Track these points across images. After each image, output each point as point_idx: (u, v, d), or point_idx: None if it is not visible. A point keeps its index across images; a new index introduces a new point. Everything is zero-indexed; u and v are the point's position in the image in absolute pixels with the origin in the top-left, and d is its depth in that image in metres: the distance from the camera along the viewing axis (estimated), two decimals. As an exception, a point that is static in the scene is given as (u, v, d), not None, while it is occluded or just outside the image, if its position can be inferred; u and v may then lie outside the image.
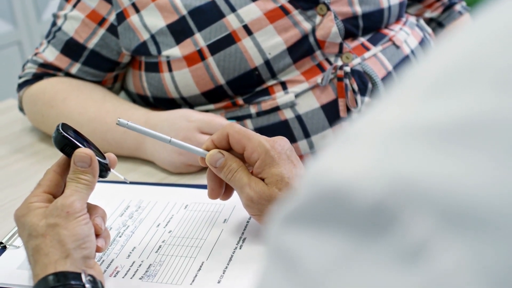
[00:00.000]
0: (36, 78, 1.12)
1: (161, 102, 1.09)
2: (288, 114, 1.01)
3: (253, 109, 1.03)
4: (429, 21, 1.31)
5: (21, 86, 1.14)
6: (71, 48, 1.09)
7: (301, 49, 1.02)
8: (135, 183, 0.95)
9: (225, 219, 0.83)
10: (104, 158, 0.74)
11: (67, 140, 0.70)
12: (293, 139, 1.02)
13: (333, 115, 1.02)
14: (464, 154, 0.24)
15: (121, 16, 1.04)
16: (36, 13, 2.70)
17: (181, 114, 0.99)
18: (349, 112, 1.02)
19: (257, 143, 0.74)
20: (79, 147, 0.70)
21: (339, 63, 1.03)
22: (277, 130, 1.01)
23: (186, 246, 0.78)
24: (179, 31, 1.01)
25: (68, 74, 1.11)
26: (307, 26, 1.02)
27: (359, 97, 1.02)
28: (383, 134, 0.26)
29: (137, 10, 1.03)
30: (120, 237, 0.81)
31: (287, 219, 0.27)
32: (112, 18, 1.05)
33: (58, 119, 0.86)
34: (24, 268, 0.75)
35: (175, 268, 0.74)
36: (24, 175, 1.02)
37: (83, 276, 0.63)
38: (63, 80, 1.10)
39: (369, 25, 1.08)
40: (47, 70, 1.12)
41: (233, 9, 1.00)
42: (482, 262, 0.22)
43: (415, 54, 1.12)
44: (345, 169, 0.25)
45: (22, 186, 0.97)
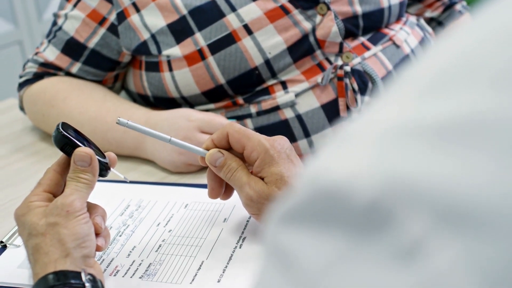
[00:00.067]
0: (37, 78, 1.12)
1: (162, 102, 1.09)
2: (288, 114, 1.01)
3: (253, 109, 1.03)
4: (430, 21, 1.31)
5: (22, 86, 1.14)
6: (72, 48, 1.09)
7: (301, 49, 1.02)
8: (135, 183, 0.95)
9: (225, 218, 0.83)
10: (104, 157, 0.74)
11: (67, 139, 0.70)
12: (293, 139, 1.02)
13: (333, 115, 1.02)
14: (461, 153, 0.24)
15: (122, 16, 1.05)
16: (37, 13, 2.70)
17: (182, 114, 0.99)
18: (349, 112, 1.02)
19: (257, 142, 0.74)
20: (79, 146, 0.70)
21: (339, 63, 1.03)
22: (277, 130, 1.01)
23: (186, 245, 0.78)
24: (180, 31, 1.01)
25: (69, 74, 1.11)
26: (307, 26, 1.02)
27: (359, 97, 1.02)
28: (380, 133, 0.26)
29: (138, 10, 1.03)
30: (120, 236, 0.81)
31: (284, 218, 0.27)
32: (113, 18, 1.05)
33: (59, 119, 0.86)
34: (25, 267, 0.75)
35: (175, 267, 0.74)
36: (25, 175, 1.02)
37: (83, 275, 0.63)
38: (64, 80, 1.11)
39: (369, 25, 1.08)
40: (48, 70, 1.12)
41: (234, 9, 1.00)
42: (478, 261, 0.22)
43: (415, 54, 1.12)
44: (342, 168, 0.25)
45: (23, 186, 0.97)
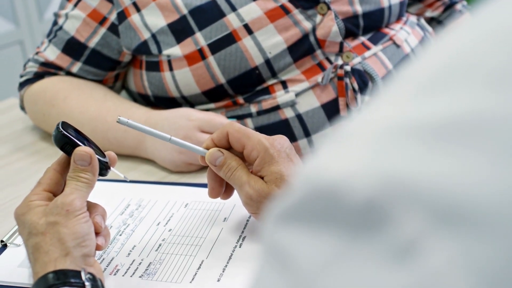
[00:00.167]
0: (37, 77, 1.13)
1: (162, 101, 1.09)
2: (289, 113, 1.02)
3: (254, 108, 1.03)
4: (430, 20, 1.31)
5: (22, 85, 1.14)
6: (72, 47, 1.09)
7: (302, 48, 1.02)
8: (136, 182, 0.95)
9: (225, 218, 0.83)
10: (104, 157, 0.74)
11: (67, 139, 0.70)
12: (294, 138, 1.02)
13: (334, 114, 1.02)
14: (457, 153, 0.24)
15: (122, 15, 1.05)
16: (38, 13, 2.70)
17: (182, 113, 0.99)
18: (350, 111, 1.02)
19: (257, 141, 0.74)
20: (79, 146, 0.70)
21: (340, 62, 1.03)
22: (278, 129, 1.01)
23: (186, 245, 0.78)
24: (180, 30, 1.01)
25: (69, 73, 1.11)
26: (308, 25, 1.02)
27: (360, 96, 1.02)
28: (376, 133, 0.26)
29: (138, 9, 1.03)
30: (120, 236, 0.82)
31: (282, 217, 0.27)
32: (113, 17, 1.06)
33: (59, 118, 0.86)
34: (25, 266, 0.75)
35: (175, 267, 0.74)
36: (25, 174, 1.02)
37: (83, 274, 0.63)
38: (64, 79, 1.11)
39: (370, 24, 1.08)
40: (48, 69, 1.12)
41: (234, 8, 1.00)
42: (474, 261, 0.22)
43: (416, 53, 1.12)
44: (338, 168, 0.25)
45: (23, 185, 0.97)
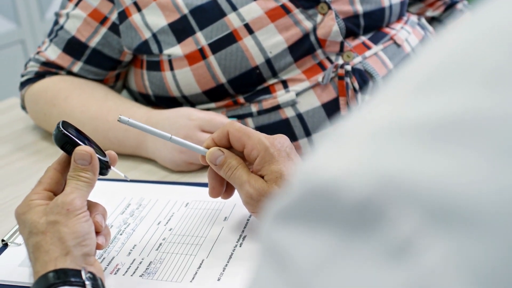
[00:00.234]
0: (38, 77, 1.13)
1: (163, 101, 1.09)
2: (289, 113, 1.02)
3: (254, 108, 1.03)
4: (431, 20, 1.31)
5: (23, 85, 1.14)
6: (73, 47, 1.09)
7: (302, 48, 1.02)
8: (136, 181, 0.95)
9: (226, 217, 0.83)
10: (105, 156, 0.74)
11: (67, 138, 0.70)
12: (294, 138, 1.02)
13: (334, 114, 1.02)
14: (452, 152, 0.24)
15: (123, 15, 1.05)
16: (40, 12, 2.70)
17: (182, 113, 0.99)
18: (350, 111, 1.02)
19: (257, 141, 0.74)
20: (80, 145, 0.70)
21: (340, 62, 1.03)
22: (278, 129, 1.01)
23: (187, 244, 0.79)
24: (181, 30, 1.01)
25: (70, 73, 1.11)
26: (308, 25, 1.02)
27: (360, 96, 1.02)
28: (372, 132, 0.26)
29: (139, 9, 1.03)
30: (121, 235, 0.82)
31: (279, 216, 0.27)
32: (114, 17, 1.06)
33: (60, 118, 0.86)
34: (26, 266, 0.75)
35: (176, 266, 0.74)
36: (26, 174, 1.03)
37: (83, 273, 0.63)
38: (65, 79, 1.11)
39: (370, 24, 1.08)
40: (49, 69, 1.12)
41: (234, 8, 1.00)
42: (469, 260, 0.22)
43: (416, 53, 1.12)
44: (334, 167, 0.25)
45: (24, 185, 0.97)
